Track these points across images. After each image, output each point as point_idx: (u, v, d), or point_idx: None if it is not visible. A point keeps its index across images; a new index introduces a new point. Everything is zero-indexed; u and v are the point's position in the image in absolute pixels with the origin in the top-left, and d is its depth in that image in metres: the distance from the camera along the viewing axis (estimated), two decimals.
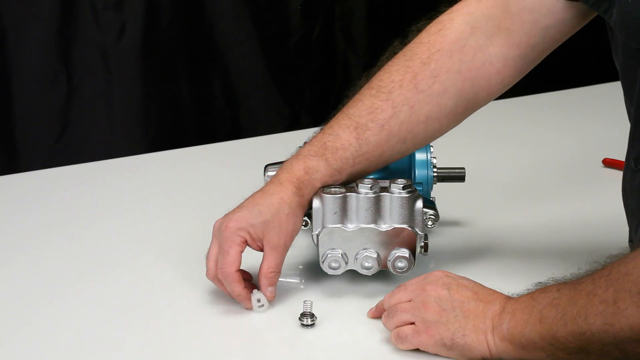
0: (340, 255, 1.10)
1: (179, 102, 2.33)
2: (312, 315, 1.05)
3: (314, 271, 1.17)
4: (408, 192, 1.10)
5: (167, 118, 2.32)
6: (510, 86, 1.16)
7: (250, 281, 1.12)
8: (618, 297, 0.87)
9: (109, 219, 1.39)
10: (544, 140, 1.74)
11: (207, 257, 1.10)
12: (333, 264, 1.11)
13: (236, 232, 1.08)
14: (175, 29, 2.27)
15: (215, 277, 1.09)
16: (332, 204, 1.10)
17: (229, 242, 1.08)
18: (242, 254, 1.09)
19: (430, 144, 1.25)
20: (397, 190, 1.10)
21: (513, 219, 1.35)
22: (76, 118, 2.20)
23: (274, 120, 2.43)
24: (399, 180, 1.11)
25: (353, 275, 1.13)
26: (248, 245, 1.09)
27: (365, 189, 1.10)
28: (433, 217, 1.13)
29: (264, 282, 1.09)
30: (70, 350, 1.02)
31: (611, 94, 2.03)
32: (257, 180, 1.31)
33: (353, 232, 1.10)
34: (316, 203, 1.11)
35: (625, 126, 1.10)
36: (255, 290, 1.09)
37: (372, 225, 1.10)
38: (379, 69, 1.18)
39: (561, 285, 0.93)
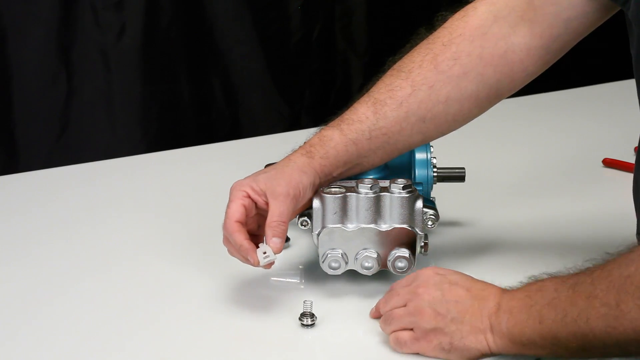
0: (340, 255, 1.10)
1: (179, 102, 2.33)
2: (312, 315, 1.05)
3: (314, 271, 1.17)
4: (408, 192, 1.10)
5: (167, 118, 2.32)
6: (534, 77, 1.16)
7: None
8: (620, 299, 0.87)
9: (109, 219, 1.39)
10: (544, 140, 1.74)
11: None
12: (333, 264, 1.11)
13: (238, 188, 1.09)
14: (175, 29, 2.27)
15: (226, 239, 1.08)
16: (332, 204, 1.10)
17: (230, 198, 1.09)
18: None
19: (431, 144, 1.25)
20: (397, 190, 1.10)
21: (513, 219, 1.35)
22: (76, 118, 2.20)
23: (274, 120, 2.43)
24: (399, 180, 1.11)
25: (353, 275, 1.13)
26: (253, 201, 1.08)
27: (365, 189, 1.10)
28: (433, 217, 1.13)
29: (268, 232, 1.06)
30: (71, 350, 1.02)
31: (611, 94, 2.04)
32: None
33: (353, 232, 1.10)
34: (316, 203, 1.11)
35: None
36: (261, 244, 1.07)
37: (372, 225, 1.10)
38: (403, 55, 1.18)
39: (557, 283, 0.93)
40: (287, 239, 1.25)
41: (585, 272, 0.92)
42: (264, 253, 1.06)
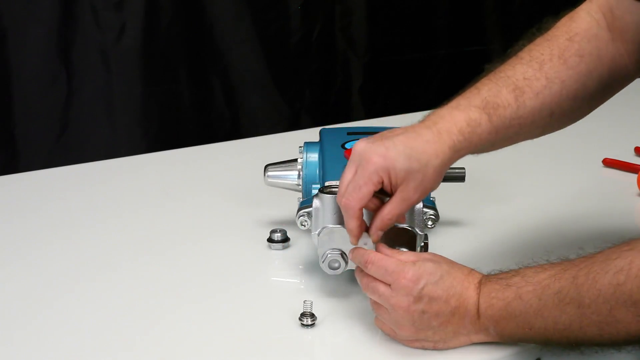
0: (340, 255, 1.10)
1: (179, 102, 2.33)
2: (312, 315, 1.05)
3: (314, 271, 1.17)
4: None
5: (167, 118, 2.32)
6: (631, 82, 1.16)
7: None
8: (612, 308, 0.88)
9: (109, 219, 1.39)
10: (544, 140, 1.73)
11: (342, 178, 1.04)
12: (333, 264, 1.11)
13: (377, 171, 1.01)
14: (175, 29, 2.27)
15: (341, 200, 1.05)
16: (332, 204, 1.10)
17: (365, 179, 1.02)
18: None
19: None
20: None
21: (513, 218, 1.35)
22: (76, 118, 2.19)
23: (274, 120, 2.42)
24: None
25: (353, 275, 1.13)
26: (383, 186, 1.03)
27: None
28: (433, 217, 1.13)
29: (377, 223, 1.04)
30: (70, 350, 1.02)
31: None
32: (257, 180, 1.32)
33: None
34: (316, 203, 1.11)
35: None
36: (365, 233, 1.06)
37: None
38: (511, 54, 1.14)
39: (537, 291, 0.94)
40: (287, 239, 1.26)
41: (564, 277, 0.93)
42: (365, 244, 1.06)
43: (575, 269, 0.92)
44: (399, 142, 1.01)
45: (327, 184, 1.15)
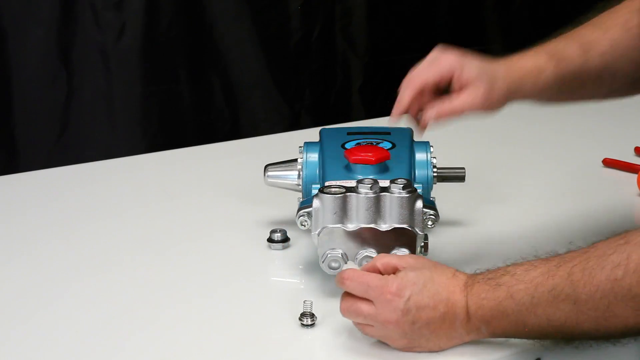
0: (340, 255, 1.10)
1: (179, 102, 2.33)
2: (312, 315, 1.05)
3: (314, 271, 1.17)
4: (408, 192, 1.10)
5: (167, 118, 2.32)
6: None
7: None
8: (610, 303, 0.88)
9: (108, 219, 1.39)
10: (544, 140, 1.74)
11: (414, 68, 1.09)
12: (333, 264, 1.11)
13: (451, 64, 1.08)
14: (175, 29, 2.27)
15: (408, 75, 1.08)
16: (332, 204, 1.10)
17: (439, 66, 1.08)
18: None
19: (430, 144, 1.25)
20: (397, 190, 1.10)
21: (513, 218, 1.35)
22: (76, 118, 2.20)
23: (274, 120, 2.43)
24: (399, 180, 1.11)
25: None
26: (448, 82, 1.08)
27: (365, 189, 1.10)
28: (433, 217, 1.13)
29: (430, 113, 1.07)
30: (70, 350, 1.02)
31: None
32: (257, 180, 1.32)
33: (353, 232, 1.10)
34: (316, 203, 1.11)
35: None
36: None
37: (372, 225, 1.10)
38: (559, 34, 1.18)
39: (529, 289, 0.94)
40: (287, 239, 1.26)
41: (558, 274, 0.92)
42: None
43: (569, 265, 0.92)
44: (474, 58, 1.10)
45: (327, 184, 1.15)
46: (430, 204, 1.14)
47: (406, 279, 0.98)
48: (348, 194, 1.10)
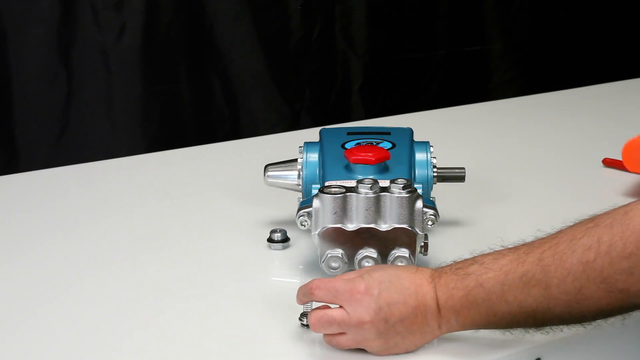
0: (340, 255, 1.10)
1: (179, 102, 2.33)
2: None
3: (314, 271, 1.17)
4: (408, 192, 1.10)
5: (167, 118, 2.32)
6: None
7: None
8: (582, 286, 0.89)
9: (108, 219, 1.39)
10: (544, 140, 1.74)
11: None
12: (333, 264, 1.11)
13: None
14: (175, 29, 2.27)
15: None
16: (332, 204, 1.10)
17: None
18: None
19: (430, 144, 1.25)
20: (397, 190, 1.10)
21: (513, 218, 1.35)
22: (76, 118, 2.19)
23: (274, 120, 2.43)
24: (399, 180, 1.11)
25: None
26: None
27: (365, 189, 1.10)
28: (433, 217, 1.13)
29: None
30: (70, 350, 1.03)
31: (611, 94, 2.04)
32: (257, 180, 1.32)
33: (353, 232, 1.10)
34: (316, 203, 1.11)
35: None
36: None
37: (372, 225, 1.10)
38: None
39: (499, 276, 0.94)
40: (287, 239, 1.26)
41: (528, 260, 0.93)
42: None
43: (539, 250, 0.93)
44: None
45: (327, 184, 1.15)
46: (430, 204, 1.15)
47: (372, 278, 0.98)
48: (348, 194, 1.10)
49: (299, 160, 1.25)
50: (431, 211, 1.13)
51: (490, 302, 0.94)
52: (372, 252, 1.10)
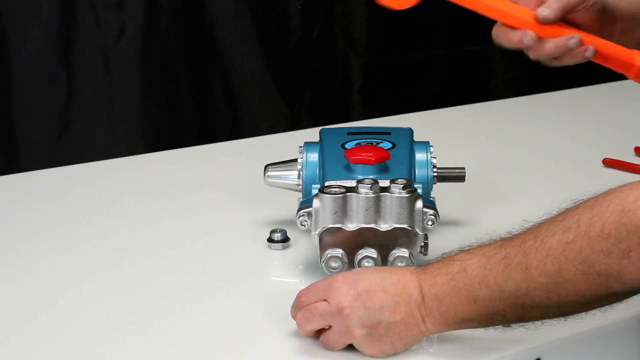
0: (340, 255, 1.10)
1: (179, 102, 2.33)
2: None
3: (314, 271, 1.17)
4: (408, 192, 1.10)
5: (167, 118, 2.32)
6: None
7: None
8: (561, 267, 0.88)
9: (108, 219, 1.39)
10: (544, 140, 1.74)
11: None
12: (333, 264, 1.11)
13: None
14: (175, 29, 2.27)
15: None
16: (332, 204, 1.10)
17: None
18: None
19: (431, 144, 1.25)
20: (397, 190, 1.10)
21: (513, 219, 1.35)
22: (76, 118, 2.20)
23: (274, 120, 2.43)
24: (399, 180, 1.11)
25: None
26: None
27: (365, 189, 1.10)
28: (433, 217, 1.13)
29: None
30: (70, 350, 1.03)
31: (611, 94, 2.04)
32: (257, 180, 1.32)
33: (353, 232, 1.10)
34: (316, 203, 1.11)
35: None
36: None
37: (372, 225, 1.10)
38: None
39: (482, 261, 0.94)
40: (287, 239, 1.26)
41: (511, 244, 0.93)
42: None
43: (522, 235, 0.93)
44: None
45: (327, 184, 1.15)
46: (430, 204, 1.15)
47: (351, 271, 1.01)
48: (348, 194, 1.10)
49: (299, 160, 1.25)
50: (431, 211, 1.13)
51: (472, 287, 0.93)
52: (372, 252, 1.10)
